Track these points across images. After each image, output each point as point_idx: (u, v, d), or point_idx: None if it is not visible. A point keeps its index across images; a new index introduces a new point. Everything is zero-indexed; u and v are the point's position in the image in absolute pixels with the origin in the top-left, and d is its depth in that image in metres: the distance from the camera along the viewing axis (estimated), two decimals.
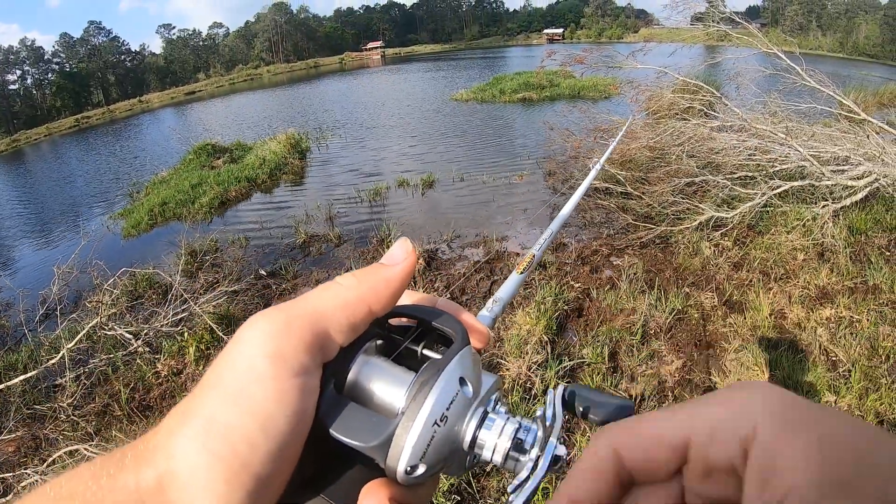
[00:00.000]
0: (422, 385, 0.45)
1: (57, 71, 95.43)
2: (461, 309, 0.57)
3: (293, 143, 17.50)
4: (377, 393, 0.47)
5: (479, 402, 0.49)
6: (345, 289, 0.48)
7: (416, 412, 0.43)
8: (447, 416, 0.45)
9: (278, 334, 0.42)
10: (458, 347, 0.49)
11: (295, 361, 0.42)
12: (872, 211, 7.51)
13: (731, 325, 5.63)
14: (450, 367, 0.47)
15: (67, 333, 6.01)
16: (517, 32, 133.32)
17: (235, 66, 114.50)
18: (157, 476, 0.38)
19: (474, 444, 0.48)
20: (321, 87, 51.34)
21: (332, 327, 0.45)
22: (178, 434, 0.39)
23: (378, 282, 0.49)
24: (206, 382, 0.42)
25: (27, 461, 4.65)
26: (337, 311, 0.46)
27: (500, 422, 0.49)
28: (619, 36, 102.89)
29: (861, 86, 17.91)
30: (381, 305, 0.49)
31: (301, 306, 0.45)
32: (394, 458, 0.43)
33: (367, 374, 0.48)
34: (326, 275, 7.94)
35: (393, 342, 0.54)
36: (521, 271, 0.82)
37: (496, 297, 0.75)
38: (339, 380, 0.47)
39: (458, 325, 0.52)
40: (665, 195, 7.86)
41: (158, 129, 38.48)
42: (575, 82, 23.73)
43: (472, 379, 0.48)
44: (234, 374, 0.41)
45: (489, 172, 12.85)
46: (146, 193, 15.20)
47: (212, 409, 0.40)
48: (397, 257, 0.51)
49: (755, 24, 8.73)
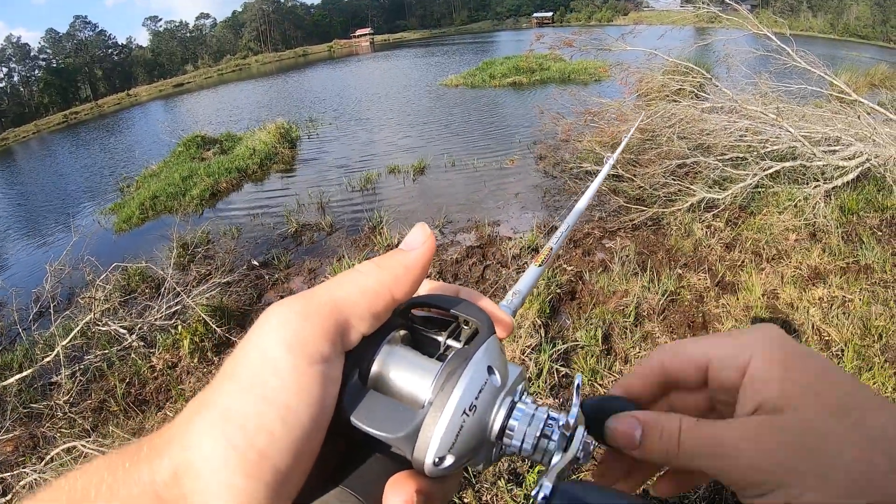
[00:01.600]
0: (450, 374, 0.45)
1: (44, 67, 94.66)
2: (483, 297, 0.57)
3: (283, 133, 17.47)
4: (402, 383, 0.47)
5: (506, 391, 0.48)
6: (364, 276, 0.47)
7: (445, 401, 0.43)
8: (476, 406, 0.45)
9: (296, 322, 0.41)
10: (485, 336, 0.49)
11: (314, 349, 0.41)
12: (864, 191, 7.53)
13: (723, 306, 5.65)
14: (477, 355, 0.46)
15: (62, 331, 6.01)
16: (506, 17, 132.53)
17: (223, 56, 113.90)
18: (172, 467, 0.37)
19: (503, 433, 0.48)
20: (310, 75, 51.11)
21: (354, 315, 0.44)
22: (193, 425, 0.39)
23: (398, 267, 0.48)
24: (222, 374, 0.41)
25: (25, 460, 4.64)
26: (358, 298, 0.45)
27: (529, 411, 0.49)
28: (608, 19, 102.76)
29: (852, 66, 17.92)
30: (403, 291, 0.48)
31: (319, 294, 0.44)
32: (421, 450, 0.42)
33: (392, 364, 0.47)
34: (319, 264, 7.94)
35: (417, 332, 0.53)
36: (540, 264, 0.82)
37: (516, 290, 0.74)
38: (363, 370, 0.46)
39: (483, 314, 0.51)
40: (656, 177, 7.86)
41: (147, 122, 38.28)
42: (564, 66, 23.71)
43: (500, 368, 0.48)
44: (251, 364, 0.40)
45: (480, 157, 12.84)
46: (137, 187, 15.12)
47: (228, 399, 0.39)
48: (416, 242, 0.51)
49: (745, 6, 8.70)
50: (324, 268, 7.72)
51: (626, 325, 5.42)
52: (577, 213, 1.01)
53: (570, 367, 4.89)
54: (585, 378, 4.74)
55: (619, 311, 5.67)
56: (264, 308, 2.08)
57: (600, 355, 4.98)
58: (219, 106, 37.58)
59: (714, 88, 8.74)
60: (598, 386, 4.68)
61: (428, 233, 0.51)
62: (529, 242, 7.44)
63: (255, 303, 7.12)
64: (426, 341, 0.53)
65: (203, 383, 5.37)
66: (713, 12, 9.07)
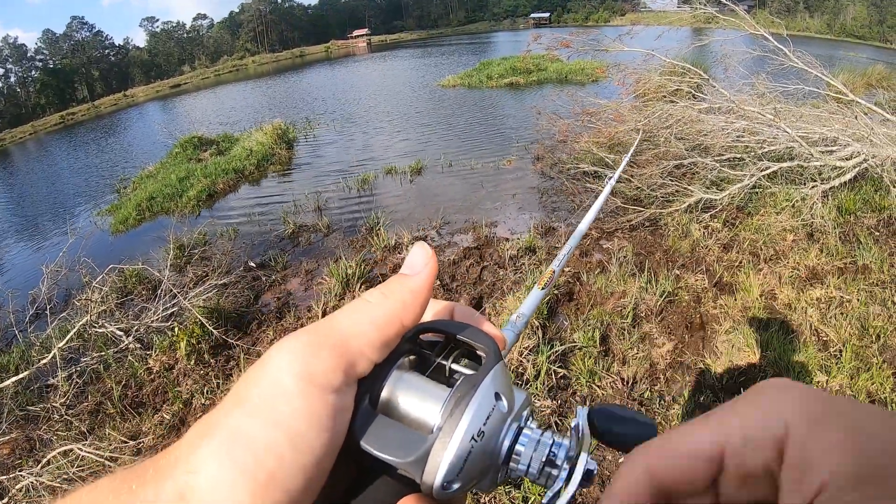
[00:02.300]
0: (458, 400, 0.45)
1: (40, 68, 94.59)
2: (479, 317, 0.57)
3: (280, 134, 17.52)
4: (411, 408, 0.47)
5: (513, 417, 0.48)
6: (373, 305, 0.47)
7: (454, 428, 0.43)
8: (484, 432, 0.45)
9: (307, 354, 0.41)
10: (492, 363, 0.49)
11: (324, 380, 0.41)
12: (861, 191, 7.54)
13: (721, 307, 5.65)
14: (485, 382, 0.46)
15: (58, 332, 5.99)
16: (504, 17, 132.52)
17: (220, 57, 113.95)
18: (177, 490, 0.37)
19: (509, 458, 0.48)
20: (307, 76, 51.11)
21: (364, 345, 0.44)
22: (199, 447, 0.38)
23: (405, 294, 0.48)
24: (230, 399, 0.41)
25: (22, 463, 4.64)
26: (368, 329, 0.45)
27: (535, 436, 0.49)
28: (605, 19, 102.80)
29: (849, 67, 17.97)
30: (412, 318, 0.48)
31: (330, 326, 0.44)
32: (430, 474, 0.42)
33: (402, 390, 0.48)
34: (316, 265, 7.94)
35: (424, 357, 0.53)
36: (543, 287, 0.82)
37: (520, 313, 0.74)
38: (373, 395, 0.47)
39: (489, 339, 0.51)
40: (654, 178, 7.86)
41: (144, 123, 38.34)
42: (562, 66, 23.74)
43: (507, 394, 0.48)
44: (261, 390, 0.40)
45: (477, 158, 12.88)
46: (133, 188, 15.16)
47: (236, 422, 0.39)
48: (418, 265, 0.50)
49: (742, 6, 8.71)
50: (321, 269, 7.70)
51: (623, 326, 5.42)
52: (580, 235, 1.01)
53: (567, 369, 4.89)
54: (583, 379, 4.74)
55: (616, 312, 5.67)
56: (261, 310, 2.10)
57: (598, 356, 4.98)
58: (216, 107, 37.60)
59: (711, 89, 8.74)
60: (596, 388, 4.68)
61: (429, 253, 0.51)
62: (527, 243, 7.43)
63: (252, 304, 7.11)
64: (434, 366, 0.53)
65: (200, 385, 5.39)
66: (710, 13, 9.08)
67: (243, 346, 5.97)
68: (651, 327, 5.46)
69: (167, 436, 4.89)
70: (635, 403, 4.51)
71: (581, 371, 4.80)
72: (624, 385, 4.71)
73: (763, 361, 4.74)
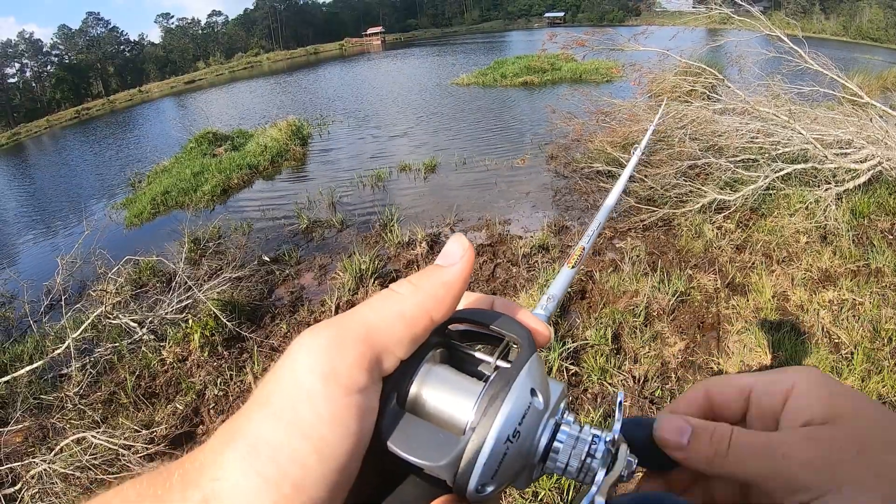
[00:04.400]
0: (492, 399, 0.43)
1: (56, 63, 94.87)
2: (519, 308, 0.54)
3: (294, 130, 17.55)
4: (442, 405, 0.45)
5: (549, 412, 0.46)
6: (402, 298, 0.44)
7: (487, 430, 0.41)
8: (520, 432, 0.43)
9: (330, 351, 0.39)
10: (527, 356, 0.46)
11: (349, 380, 0.39)
12: (875, 194, 7.48)
13: (733, 307, 5.64)
14: (520, 378, 0.44)
15: (72, 323, 6.05)
16: (518, 16, 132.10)
17: (235, 53, 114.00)
18: (203, 498, 0.36)
19: (546, 456, 0.46)
20: (321, 73, 51.12)
21: (391, 340, 0.42)
22: (223, 455, 0.37)
23: (437, 287, 0.45)
24: (253, 401, 0.39)
25: (35, 450, 4.68)
26: (395, 323, 0.42)
27: (574, 433, 0.47)
28: (620, 19, 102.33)
29: (864, 69, 17.80)
30: (442, 313, 0.45)
31: (355, 320, 0.42)
32: (464, 477, 0.41)
33: (431, 385, 0.45)
34: (329, 260, 7.98)
35: (453, 349, 0.51)
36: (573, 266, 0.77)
37: (550, 294, 0.68)
38: (401, 392, 0.44)
39: (523, 329, 0.49)
40: (668, 178, 7.84)
41: (159, 118, 38.47)
42: (576, 66, 23.69)
43: (543, 389, 0.46)
44: (284, 393, 0.38)
45: (491, 156, 12.90)
46: (148, 183, 15.24)
47: (259, 429, 0.37)
48: (454, 256, 0.47)
49: (758, 8, 8.66)
50: (334, 264, 7.74)
51: (635, 324, 5.42)
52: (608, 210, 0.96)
53: (579, 366, 4.90)
54: (594, 377, 4.75)
55: (628, 310, 5.67)
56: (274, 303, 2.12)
57: (610, 354, 4.99)
58: (230, 103, 37.72)
59: (726, 90, 8.70)
60: (608, 385, 4.69)
61: (466, 245, 0.47)
62: (540, 241, 7.44)
63: (265, 298, 7.15)
64: (464, 357, 0.51)
65: (213, 377, 5.43)
66: (725, 13, 9.03)
67: (256, 339, 6.01)
68: (663, 326, 5.45)
69: (180, 426, 4.94)
70: (646, 402, 4.51)
71: (593, 368, 4.81)
72: (635, 383, 4.71)
73: (774, 362, 4.73)
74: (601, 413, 4.31)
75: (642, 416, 0.56)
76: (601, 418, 4.26)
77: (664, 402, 4.47)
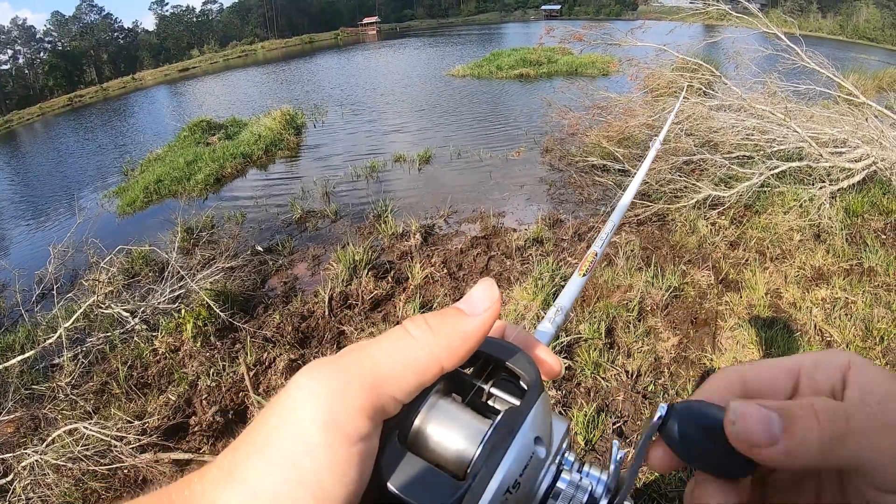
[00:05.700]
0: (494, 448, 0.42)
1: (49, 50, 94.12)
2: (532, 340, 0.53)
3: (288, 119, 17.46)
4: (445, 441, 0.44)
5: (551, 459, 0.46)
6: (414, 343, 0.42)
7: (487, 481, 0.40)
8: (520, 483, 0.42)
9: (333, 398, 0.38)
10: (534, 398, 0.45)
11: (352, 429, 0.38)
12: (869, 194, 7.50)
13: (727, 304, 5.66)
14: (525, 427, 0.43)
15: (64, 313, 6.00)
16: (514, 8, 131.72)
17: (229, 42, 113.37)
18: None
19: (546, 500, 0.45)
20: (316, 62, 50.89)
21: (398, 388, 0.41)
22: (221, 494, 0.36)
23: (454, 336, 0.43)
24: (252, 441, 0.38)
25: (27, 441, 4.66)
26: (403, 370, 0.41)
27: (574, 478, 0.47)
28: (616, 13, 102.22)
29: (861, 69, 17.86)
30: (454, 363, 0.43)
31: (361, 363, 0.40)
32: None
33: (436, 422, 0.45)
34: (323, 250, 7.97)
35: (460, 379, 0.50)
36: (584, 273, 0.75)
37: (559, 306, 0.68)
38: (402, 431, 0.44)
39: (532, 367, 0.48)
40: (663, 173, 7.84)
41: (152, 106, 38.14)
42: (572, 59, 23.69)
43: (546, 435, 0.45)
44: (283, 440, 0.37)
45: (486, 148, 12.90)
46: (141, 171, 15.14)
47: (257, 475, 0.36)
48: (479, 305, 0.44)
49: (755, 5, 8.66)
50: (328, 254, 7.73)
51: (629, 319, 5.44)
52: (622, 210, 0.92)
53: (572, 360, 4.90)
54: (588, 371, 4.76)
55: (622, 305, 5.68)
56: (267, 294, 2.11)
57: (603, 349, 5.00)
58: (224, 91, 37.52)
59: (723, 86, 8.72)
60: (601, 379, 4.70)
61: (495, 296, 0.45)
62: (534, 235, 7.46)
63: (258, 288, 7.14)
64: (467, 386, 0.50)
65: (205, 367, 5.41)
66: (723, 10, 9.03)
67: (250, 330, 5.99)
68: (656, 321, 5.47)
69: (172, 416, 4.92)
70: (639, 396, 4.52)
71: (586, 363, 4.82)
72: (629, 378, 4.72)
73: (766, 359, 4.75)
74: (594, 407, 4.32)
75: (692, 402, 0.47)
76: (594, 412, 4.27)
77: (656, 399, 4.49)
